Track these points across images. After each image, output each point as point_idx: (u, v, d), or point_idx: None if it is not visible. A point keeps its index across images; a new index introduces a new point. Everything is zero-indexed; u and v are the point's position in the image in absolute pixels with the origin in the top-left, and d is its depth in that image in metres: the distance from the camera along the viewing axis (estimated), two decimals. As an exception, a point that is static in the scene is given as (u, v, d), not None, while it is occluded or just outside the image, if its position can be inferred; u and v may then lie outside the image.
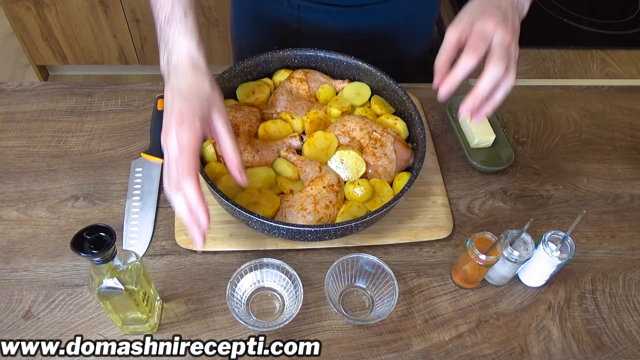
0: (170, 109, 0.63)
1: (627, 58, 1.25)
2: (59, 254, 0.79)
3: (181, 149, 0.61)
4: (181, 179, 0.60)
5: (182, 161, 0.60)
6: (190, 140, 0.61)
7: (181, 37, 0.68)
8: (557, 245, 0.75)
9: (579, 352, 0.76)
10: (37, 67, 2.29)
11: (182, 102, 0.63)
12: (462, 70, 0.68)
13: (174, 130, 0.61)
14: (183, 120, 0.62)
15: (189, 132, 0.61)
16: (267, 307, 0.76)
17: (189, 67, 0.66)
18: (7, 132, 0.93)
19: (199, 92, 0.65)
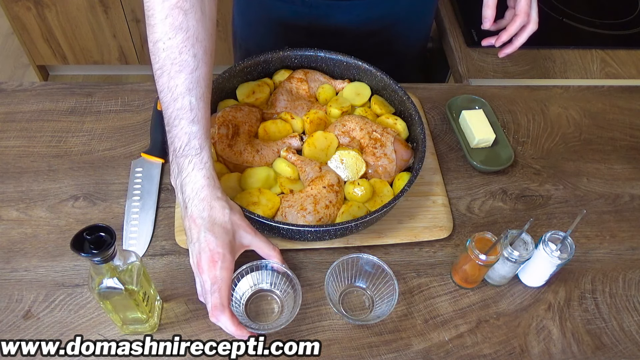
0: (197, 242, 0.66)
1: (627, 58, 1.25)
2: (59, 254, 0.79)
3: (215, 285, 0.65)
4: (217, 316, 0.64)
5: (216, 299, 0.64)
6: (224, 276, 0.65)
7: (196, 171, 0.69)
8: (557, 245, 0.75)
9: (579, 352, 0.76)
10: (37, 67, 2.29)
11: (209, 237, 0.66)
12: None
13: (206, 268, 0.65)
14: (215, 259, 0.65)
15: (222, 269, 0.65)
16: (266, 309, 0.76)
17: (207, 199, 0.68)
18: (7, 132, 0.93)
19: (221, 222, 0.68)
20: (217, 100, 0.91)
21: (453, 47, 1.25)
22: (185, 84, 0.68)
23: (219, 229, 0.67)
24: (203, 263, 0.66)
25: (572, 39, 1.29)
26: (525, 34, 0.90)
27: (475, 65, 1.21)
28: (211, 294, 0.65)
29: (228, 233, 0.68)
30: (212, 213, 0.67)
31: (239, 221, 0.70)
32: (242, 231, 0.70)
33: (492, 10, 0.88)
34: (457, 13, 1.32)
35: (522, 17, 0.88)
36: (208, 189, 0.68)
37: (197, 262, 0.66)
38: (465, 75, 1.18)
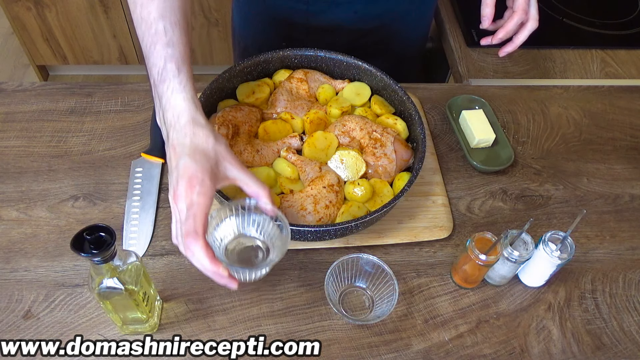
0: (176, 169, 0.61)
1: (627, 58, 1.25)
2: (59, 254, 0.79)
3: (190, 211, 0.59)
4: (190, 244, 0.58)
5: (190, 225, 0.58)
6: (201, 202, 0.59)
7: (175, 94, 0.64)
8: (557, 245, 0.75)
9: (579, 352, 0.76)
10: (37, 67, 2.29)
11: (188, 162, 0.61)
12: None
13: (183, 194, 0.59)
14: (192, 183, 0.60)
15: (199, 194, 0.59)
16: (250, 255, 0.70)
17: (188, 123, 0.63)
18: (7, 132, 0.93)
19: (203, 148, 0.62)
20: (217, 100, 0.91)
21: (453, 47, 1.25)
22: (159, 11, 0.66)
23: (200, 156, 0.61)
24: (180, 190, 0.59)
25: (572, 39, 1.29)
26: (525, 31, 0.88)
27: (475, 65, 1.21)
28: (185, 221, 0.58)
29: (210, 160, 0.62)
30: (194, 139, 0.62)
31: (224, 152, 0.64)
32: (227, 163, 0.64)
33: (490, 9, 0.86)
34: (457, 13, 1.32)
35: (519, 14, 0.85)
36: (189, 113, 0.63)
37: (174, 191, 0.60)
38: (465, 75, 1.18)
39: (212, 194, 0.61)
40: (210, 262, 0.58)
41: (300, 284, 0.79)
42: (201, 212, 0.58)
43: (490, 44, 0.90)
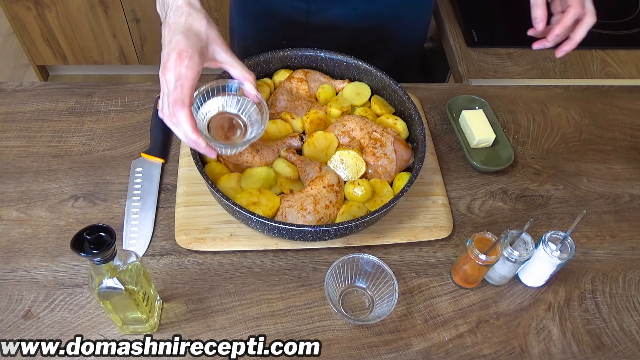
0: (169, 44, 0.65)
1: (627, 58, 1.25)
2: (59, 254, 0.79)
3: (178, 82, 0.63)
4: (175, 111, 0.63)
5: (177, 94, 0.63)
6: (189, 75, 0.64)
7: None
8: (557, 245, 0.75)
9: (579, 352, 0.76)
10: (37, 67, 2.29)
11: (180, 39, 0.65)
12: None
13: (172, 66, 0.64)
14: (182, 57, 0.64)
15: (187, 67, 0.64)
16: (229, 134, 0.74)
17: (185, 6, 0.68)
18: (7, 132, 0.93)
19: (196, 28, 0.67)
20: (217, 100, 0.91)
21: (453, 47, 1.25)
22: None
23: (192, 35, 0.66)
24: (170, 62, 0.64)
25: (572, 39, 1.29)
26: (584, 27, 0.81)
27: (475, 65, 1.21)
28: (173, 91, 0.63)
29: (201, 41, 0.67)
30: (189, 20, 0.67)
31: (215, 36, 0.69)
32: (216, 46, 0.69)
33: (542, 10, 0.79)
34: (457, 13, 1.32)
35: (576, 8, 0.79)
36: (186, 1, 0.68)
37: (164, 63, 0.64)
38: (465, 75, 1.18)
39: (200, 70, 0.65)
40: (192, 131, 0.63)
41: (300, 284, 0.79)
42: (188, 84, 0.63)
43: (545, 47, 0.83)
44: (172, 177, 0.89)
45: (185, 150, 0.90)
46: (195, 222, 0.81)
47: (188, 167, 0.87)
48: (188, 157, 0.87)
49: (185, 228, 0.81)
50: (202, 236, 0.80)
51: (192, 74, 0.64)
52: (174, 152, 0.92)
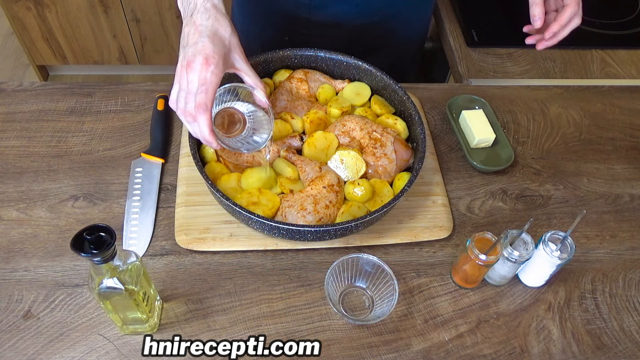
0: (194, 45, 0.69)
1: (627, 58, 1.25)
2: (59, 254, 0.79)
3: (203, 86, 0.68)
4: (198, 114, 0.67)
5: (202, 98, 0.67)
6: (213, 81, 0.68)
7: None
8: (557, 245, 0.75)
9: (579, 352, 0.76)
10: (37, 67, 2.29)
11: (207, 43, 0.69)
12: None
13: (198, 68, 0.68)
14: (209, 62, 0.68)
15: (213, 74, 0.68)
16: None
17: (212, 10, 0.72)
18: (7, 132, 0.93)
19: (222, 35, 0.71)
20: (217, 100, 0.91)
21: (453, 47, 1.25)
22: None
23: (218, 40, 0.70)
24: (195, 64, 0.68)
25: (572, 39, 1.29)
26: (570, 26, 0.85)
27: (475, 65, 1.21)
28: (198, 94, 0.67)
29: (225, 47, 0.71)
30: (215, 24, 0.71)
31: (236, 44, 0.73)
32: (236, 54, 0.74)
33: (541, 8, 0.82)
34: (457, 13, 1.32)
35: (572, 7, 0.82)
36: (212, 4, 0.72)
37: (189, 62, 0.68)
38: (465, 75, 1.18)
39: (222, 76, 0.70)
40: (210, 134, 0.68)
41: (300, 284, 0.79)
42: (212, 89, 0.68)
43: (549, 45, 0.87)
44: (172, 177, 0.89)
45: (185, 150, 0.90)
46: (195, 222, 0.81)
47: (188, 167, 0.87)
48: (188, 157, 0.87)
49: (185, 228, 0.81)
50: (202, 236, 0.80)
51: (216, 80, 0.69)
52: (174, 152, 0.92)
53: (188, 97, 0.69)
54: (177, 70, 0.71)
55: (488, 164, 0.94)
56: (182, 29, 0.74)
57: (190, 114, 0.69)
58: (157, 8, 2.05)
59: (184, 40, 0.72)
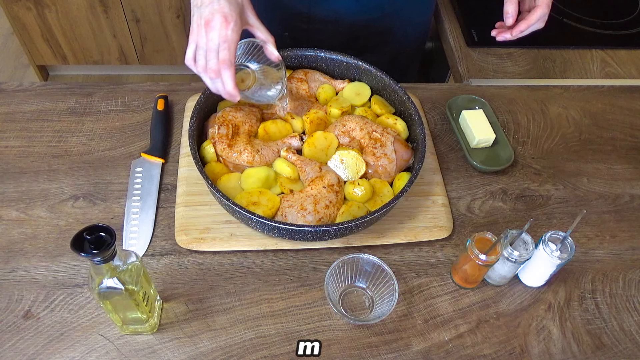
0: (211, 4, 0.73)
1: (627, 58, 1.25)
2: (59, 254, 0.79)
3: (225, 44, 0.72)
4: (223, 69, 0.72)
5: (225, 55, 0.72)
6: (234, 38, 0.73)
7: None
8: (557, 245, 0.75)
9: (579, 352, 0.76)
10: (37, 67, 2.29)
11: (224, 2, 0.73)
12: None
13: (218, 27, 0.72)
14: (228, 20, 0.72)
15: (233, 31, 0.72)
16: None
17: None
18: (7, 132, 0.93)
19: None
20: (217, 100, 0.91)
21: (453, 47, 1.25)
22: None
23: (235, 3, 0.74)
24: (215, 22, 0.72)
25: (572, 39, 1.29)
26: (534, 27, 0.86)
27: (475, 65, 1.21)
28: (220, 50, 0.72)
29: (239, 6, 0.75)
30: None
31: (248, 2, 0.78)
32: (249, 11, 0.78)
33: (514, 6, 0.84)
34: (457, 13, 1.32)
35: (542, 9, 0.84)
36: None
37: (207, 22, 0.72)
38: (465, 75, 1.18)
39: (240, 33, 0.74)
40: (234, 88, 0.73)
41: (300, 284, 0.79)
42: (234, 46, 0.73)
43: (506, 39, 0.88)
44: (172, 177, 0.89)
45: (185, 150, 0.90)
46: (195, 222, 0.81)
47: (188, 167, 0.87)
48: (188, 157, 0.87)
49: (185, 228, 0.81)
50: (202, 236, 0.80)
51: (236, 37, 0.73)
52: (174, 152, 0.92)
53: (209, 55, 0.72)
54: (193, 29, 0.74)
55: (488, 164, 0.94)
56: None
57: (213, 70, 0.72)
58: (157, 8, 2.04)
59: (198, 2, 0.75)
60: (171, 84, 1.03)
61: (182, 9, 2.05)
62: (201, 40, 0.73)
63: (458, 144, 0.98)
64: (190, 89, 1.02)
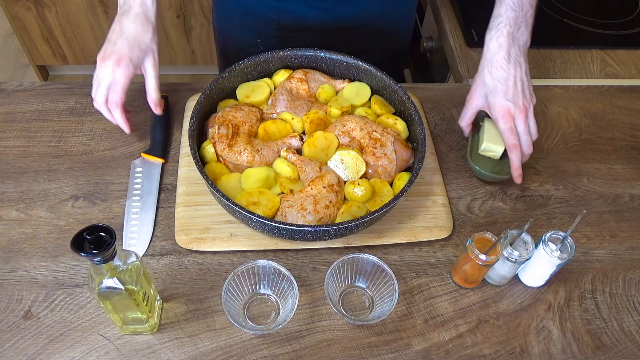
0: (114, 44, 0.81)
1: (627, 58, 1.25)
2: (59, 254, 0.79)
3: (114, 85, 0.81)
4: (112, 108, 0.82)
5: (113, 97, 0.81)
6: (122, 81, 0.81)
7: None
8: (557, 245, 0.75)
9: (579, 352, 0.76)
10: (37, 67, 2.29)
11: (124, 46, 0.80)
12: None
13: (111, 65, 0.80)
14: (120, 64, 0.80)
15: (122, 74, 0.80)
16: (264, 310, 0.76)
17: (140, 16, 0.82)
18: (7, 132, 0.93)
19: (140, 42, 0.82)
20: (217, 100, 0.91)
21: (453, 47, 1.25)
22: None
23: (136, 44, 0.81)
24: (109, 61, 0.80)
25: (572, 39, 1.29)
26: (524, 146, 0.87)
27: (475, 65, 1.20)
28: (110, 92, 0.81)
29: (140, 51, 0.82)
30: (139, 28, 0.82)
31: (153, 49, 0.84)
32: (150, 58, 0.84)
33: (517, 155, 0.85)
34: (457, 13, 1.32)
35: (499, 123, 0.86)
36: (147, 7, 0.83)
37: (104, 58, 0.80)
38: (465, 75, 1.18)
39: (131, 76, 0.82)
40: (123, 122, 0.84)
41: (300, 284, 0.79)
42: (122, 88, 0.81)
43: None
44: (172, 177, 0.89)
45: (185, 150, 0.90)
46: (195, 222, 0.81)
47: (188, 167, 0.87)
48: (188, 157, 0.87)
49: (185, 228, 0.81)
50: (202, 236, 0.80)
51: (125, 80, 0.81)
52: (174, 152, 0.92)
53: (100, 87, 0.80)
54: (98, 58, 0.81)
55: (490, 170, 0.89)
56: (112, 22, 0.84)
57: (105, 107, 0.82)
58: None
59: (108, 35, 0.82)
60: (171, 84, 1.03)
61: (182, 9, 2.05)
62: (98, 73, 0.81)
63: (458, 144, 0.98)
64: (190, 89, 1.02)
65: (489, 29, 0.86)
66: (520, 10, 0.84)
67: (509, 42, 0.84)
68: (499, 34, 0.84)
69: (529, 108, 0.85)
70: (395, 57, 1.21)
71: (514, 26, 0.84)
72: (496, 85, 0.84)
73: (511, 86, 0.84)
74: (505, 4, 0.84)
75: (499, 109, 0.84)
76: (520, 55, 0.85)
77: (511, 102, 0.83)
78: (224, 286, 0.71)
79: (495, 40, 0.84)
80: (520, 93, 0.84)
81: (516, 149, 0.85)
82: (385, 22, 1.08)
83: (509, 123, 0.84)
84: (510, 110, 0.84)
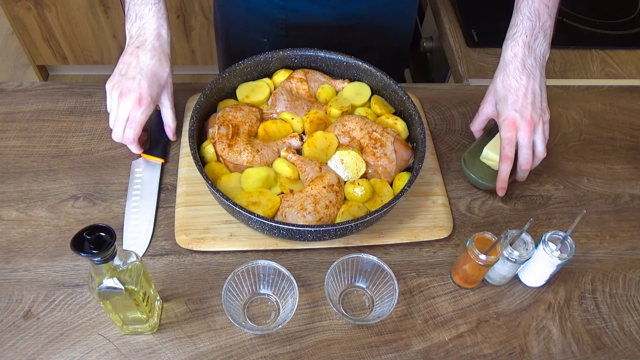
0: (132, 79, 0.80)
1: (627, 58, 1.25)
2: (59, 254, 0.79)
3: (132, 123, 0.81)
4: (128, 143, 0.85)
5: (130, 133, 0.82)
6: (141, 119, 0.81)
7: (154, 18, 0.82)
8: (557, 245, 0.75)
9: (579, 352, 0.76)
10: (37, 67, 2.29)
11: (145, 83, 0.80)
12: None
13: (131, 103, 0.80)
14: (142, 103, 0.80)
15: (143, 113, 0.81)
16: (264, 310, 0.76)
17: (158, 50, 0.82)
18: (7, 132, 0.93)
19: (159, 78, 0.83)
20: (217, 100, 0.91)
21: (453, 47, 1.25)
22: None
23: (155, 80, 0.81)
24: (129, 98, 0.79)
25: (572, 39, 1.29)
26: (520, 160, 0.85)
27: (475, 65, 1.21)
28: (127, 128, 0.82)
29: (159, 87, 0.83)
30: (157, 64, 0.82)
31: (170, 83, 0.85)
32: (167, 92, 0.85)
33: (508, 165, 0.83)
34: (457, 13, 1.32)
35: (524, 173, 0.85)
36: (163, 39, 0.83)
37: (123, 94, 0.80)
38: (465, 75, 1.18)
39: (150, 114, 0.83)
40: (137, 149, 0.87)
41: (300, 284, 0.79)
42: (139, 127, 0.82)
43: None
44: (172, 177, 0.89)
45: (185, 150, 0.90)
46: (195, 222, 0.81)
47: (188, 167, 0.87)
48: (188, 157, 0.87)
49: (185, 228, 0.81)
50: (202, 236, 0.80)
51: (144, 118, 0.82)
52: (174, 152, 0.92)
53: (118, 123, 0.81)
54: (110, 92, 0.82)
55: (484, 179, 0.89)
56: (124, 52, 0.83)
57: (122, 140, 0.84)
58: (157, 8, 2.04)
59: (123, 68, 0.82)
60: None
61: (182, 9, 2.05)
62: (114, 108, 0.81)
63: (458, 144, 0.98)
64: (190, 89, 1.02)
65: (506, 38, 0.85)
66: (537, 20, 0.82)
67: (524, 52, 0.82)
68: (514, 44, 0.83)
69: (538, 122, 0.82)
70: (395, 56, 1.21)
71: (530, 36, 0.82)
72: (506, 94, 0.83)
73: (521, 97, 0.82)
74: (522, 13, 0.83)
75: (505, 117, 0.82)
76: (535, 67, 0.83)
77: (518, 113, 0.81)
78: (224, 286, 0.71)
79: (511, 50, 0.83)
80: (529, 105, 0.81)
81: (507, 161, 0.82)
82: (388, 19, 1.08)
83: (510, 133, 0.82)
84: (515, 121, 0.81)
